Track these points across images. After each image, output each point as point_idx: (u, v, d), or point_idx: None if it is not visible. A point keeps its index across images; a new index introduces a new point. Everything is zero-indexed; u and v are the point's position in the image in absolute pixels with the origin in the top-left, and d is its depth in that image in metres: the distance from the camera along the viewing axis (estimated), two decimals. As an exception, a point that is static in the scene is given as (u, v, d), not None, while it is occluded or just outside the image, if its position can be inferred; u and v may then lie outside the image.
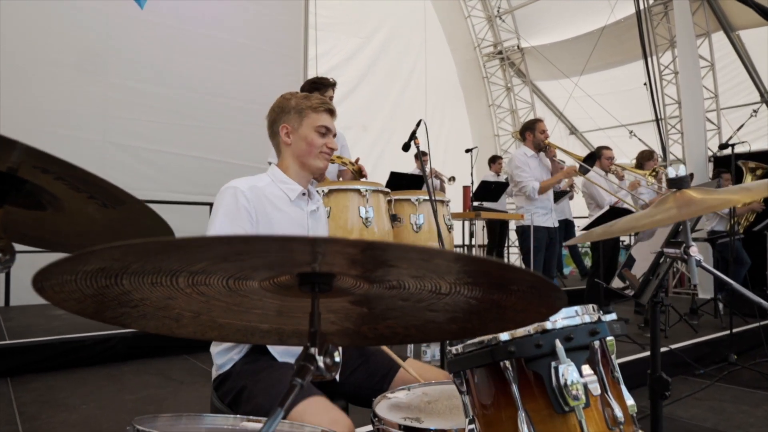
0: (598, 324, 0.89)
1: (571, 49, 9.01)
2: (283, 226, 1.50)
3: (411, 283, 0.64)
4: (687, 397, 3.51)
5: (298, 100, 1.58)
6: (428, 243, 2.70)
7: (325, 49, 8.12)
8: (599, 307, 1.01)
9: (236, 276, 0.61)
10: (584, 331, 0.87)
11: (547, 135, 4.08)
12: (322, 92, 3.04)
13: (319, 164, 1.58)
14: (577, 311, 0.93)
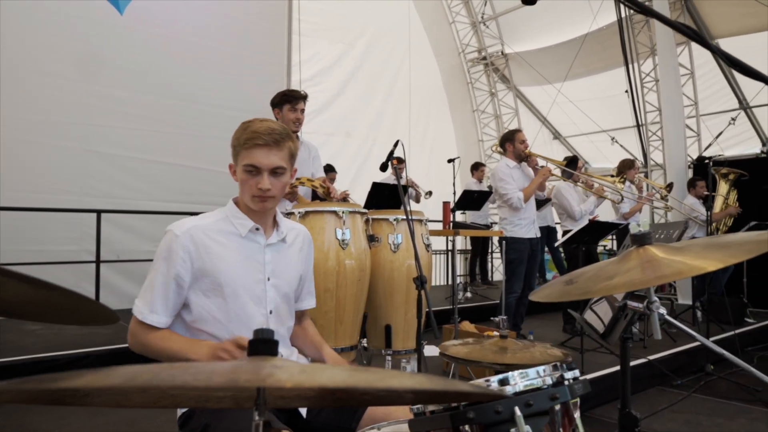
0: (559, 388, 0.88)
1: (554, 56, 9.07)
2: (229, 265, 1.46)
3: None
4: (664, 409, 3.54)
5: (236, 135, 1.46)
6: (406, 262, 2.70)
7: (309, 56, 8.08)
8: (565, 362, 1.01)
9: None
10: (544, 397, 0.86)
11: (526, 144, 4.09)
12: (293, 105, 2.98)
13: (253, 206, 1.48)
14: (539, 372, 0.93)
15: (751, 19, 7.21)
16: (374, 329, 2.79)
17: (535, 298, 1.17)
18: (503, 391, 0.87)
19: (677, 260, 0.93)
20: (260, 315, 1.51)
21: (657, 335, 1.11)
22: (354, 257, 2.49)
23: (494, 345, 1.52)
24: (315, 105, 8.20)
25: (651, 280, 0.91)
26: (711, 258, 0.90)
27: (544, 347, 1.53)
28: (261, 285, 1.51)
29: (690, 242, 1.05)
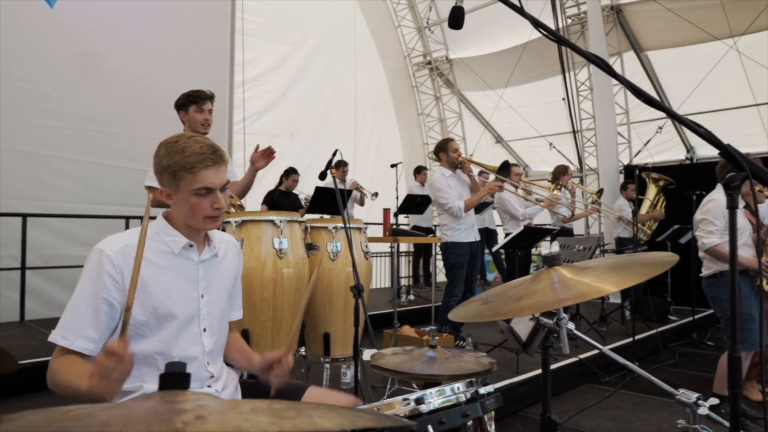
0: (471, 405, 0.93)
1: (496, 62, 9.32)
2: (162, 285, 1.42)
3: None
4: (592, 406, 3.73)
5: (171, 159, 1.38)
6: (345, 270, 2.72)
7: (253, 55, 7.96)
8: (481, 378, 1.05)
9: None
10: (457, 414, 0.91)
11: (459, 153, 4.19)
12: (200, 105, 2.83)
13: (206, 227, 1.47)
14: (453, 389, 0.97)
15: (679, 34, 7.66)
16: (313, 337, 2.80)
17: (453, 318, 1.22)
18: (419, 410, 0.90)
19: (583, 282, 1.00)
20: (193, 334, 1.48)
21: (565, 350, 1.18)
22: (292, 266, 2.49)
23: (423, 355, 1.56)
24: (259, 106, 8.09)
25: (554, 303, 0.97)
26: (610, 281, 0.98)
27: (474, 355, 1.59)
28: (195, 303, 1.49)
29: (596, 262, 1.13)
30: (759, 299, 3.38)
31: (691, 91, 7.54)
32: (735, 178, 1.06)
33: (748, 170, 1.06)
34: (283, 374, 1.50)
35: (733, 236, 1.09)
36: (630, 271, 1.01)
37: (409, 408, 0.90)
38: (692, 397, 1.16)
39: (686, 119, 1.17)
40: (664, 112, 1.21)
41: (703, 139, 1.12)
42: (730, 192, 1.08)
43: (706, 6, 7.26)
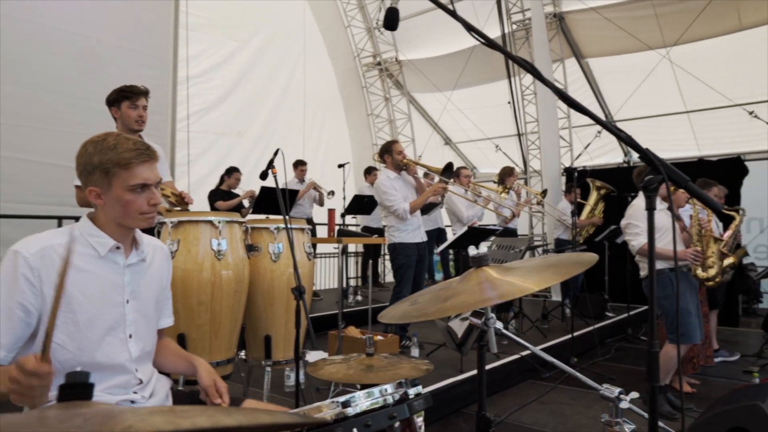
0: (398, 407, 0.93)
1: (445, 65, 9.45)
2: (84, 289, 1.36)
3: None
4: (532, 402, 3.83)
5: (103, 156, 1.34)
6: (287, 272, 2.68)
7: (198, 51, 7.74)
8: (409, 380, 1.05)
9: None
10: (383, 416, 0.90)
11: (404, 155, 4.22)
12: (133, 101, 2.71)
13: (141, 225, 1.42)
14: (381, 391, 0.97)
15: (617, 42, 8.00)
16: (254, 340, 2.74)
17: (381, 319, 1.22)
18: (345, 413, 0.89)
19: (507, 281, 1.03)
20: (118, 341, 1.42)
21: (493, 349, 1.20)
22: (231, 268, 2.43)
23: (361, 363, 1.55)
24: (204, 103, 7.88)
25: (478, 303, 0.99)
26: (533, 280, 1.01)
27: (412, 362, 1.59)
28: (120, 308, 1.43)
29: (521, 263, 1.16)
30: (695, 294, 3.58)
31: (627, 98, 7.89)
32: (652, 181, 1.11)
33: (664, 173, 1.11)
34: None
35: (652, 237, 1.14)
36: (551, 271, 1.05)
37: (336, 411, 0.89)
38: (615, 392, 1.20)
39: (609, 124, 1.21)
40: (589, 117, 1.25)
41: (624, 143, 1.16)
42: (648, 194, 1.13)
43: (642, 17, 7.62)
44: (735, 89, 7.39)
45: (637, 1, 7.53)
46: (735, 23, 7.30)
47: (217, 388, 1.50)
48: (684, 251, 3.48)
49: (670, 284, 3.43)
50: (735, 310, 6.94)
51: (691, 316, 3.41)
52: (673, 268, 3.45)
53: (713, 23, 7.28)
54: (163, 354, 1.64)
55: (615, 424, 1.18)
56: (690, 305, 3.42)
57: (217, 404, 1.48)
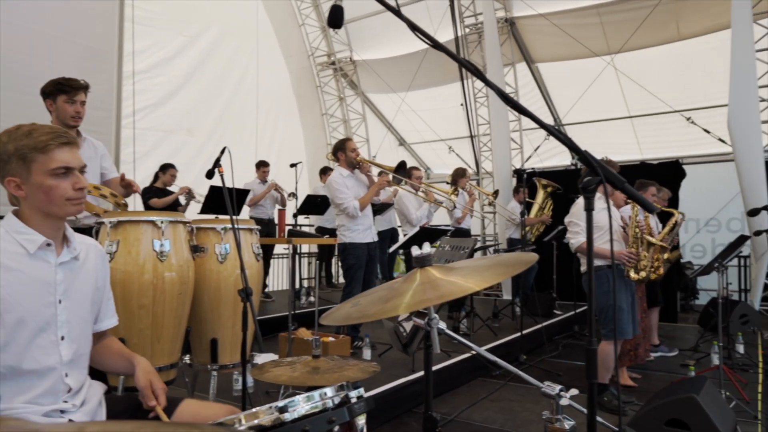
0: (338, 411, 0.91)
1: (399, 66, 9.50)
2: (12, 289, 1.28)
3: None
4: (483, 399, 3.89)
5: (18, 143, 1.29)
6: (234, 273, 2.61)
7: (145, 45, 7.48)
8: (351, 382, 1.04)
9: None
10: (322, 421, 0.88)
11: (357, 153, 4.21)
12: (71, 96, 2.58)
13: (69, 211, 1.36)
14: (321, 394, 0.95)
15: (565, 48, 8.25)
16: (199, 344, 2.65)
17: (324, 321, 1.20)
18: (282, 419, 0.87)
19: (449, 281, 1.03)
20: (48, 342, 1.35)
21: (436, 349, 1.19)
22: (175, 269, 2.34)
23: (306, 366, 1.52)
24: (152, 99, 7.62)
25: (419, 303, 0.99)
26: (474, 280, 1.01)
27: (359, 363, 1.57)
28: (51, 309, 1.36)
29: (465, 263, 1.16)
30: (629, 291, 3.72)
31: (574, 103, 8.14)
32: (591, 182, 1.14)
33: (602, 175, 1.14)
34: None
35: (590, 237, 1.16)
36: (493, 271, 1.06)
37: (273, 417, 0.86)
38: (555, 389, 1.22)
39: (548, 126, 1.23)
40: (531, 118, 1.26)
41: (563, 145, 1.19)
42: (587, 195, 1.15)
43: (588, 24, 7.89)
44: (675, 96, 7.76)
45: (584, 9, 7.79)
46: (674, 33, 7.66)
47: (153, 390, 1.44)
48: (619, 253, 3.61)
49: (606, 281, 3.57)
50: (673, 307, 7.26)
51: (624, 313, 3.54)
52: (611, 265, 3.58)
53: (654, 33, 7.61)
54: (103, 353, 1.59)
55: (555, 420, 1.20)
56: (624, 302, 3.56)
57: (152, 406, 1.43)
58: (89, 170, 2.89)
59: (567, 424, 1.20)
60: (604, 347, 3.63)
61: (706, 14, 7.20)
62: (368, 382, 3.55)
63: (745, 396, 3.77)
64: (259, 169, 6.52)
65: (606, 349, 3.62)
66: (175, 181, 5.68)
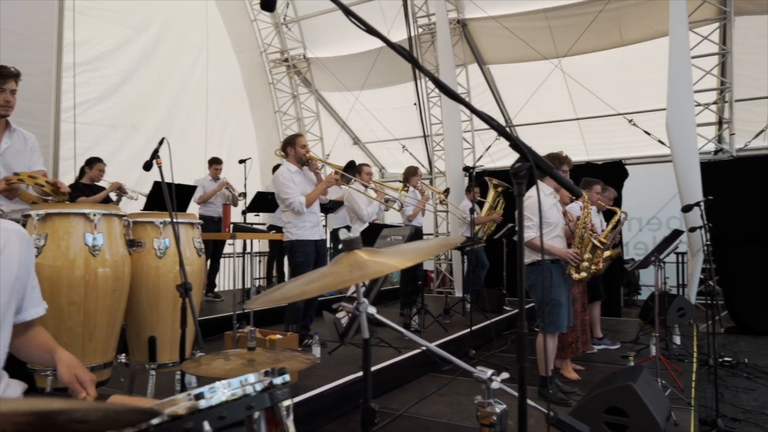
0: (258, 396, 0.88)
1: (353, 64, 9.47)
2: None
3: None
4: (432, 394, 3.92)
5: None
6: (174, 269, 2.52)
7: (87, 36, 7.16)
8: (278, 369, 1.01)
9: None
10: (240, 407, 0.85)
11: (307, 149, 4.16)
12: (0, 84, 2.50)
13: None
14: (242, 381, 0.92)
15: (516, 51, 8.42)
16: (137, 342, 2.55)
17: (249, 307, 1.17)
18: (197, 405, 0.83)
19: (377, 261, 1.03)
20: None
21: (365, 333, 1.18)
22: (109, 265, 2.24)
23: (241, 358, 1.48)
24: (94, 92, 7.31)
25: (340, 283, 0.98)
26: (398, 259, 1.02)
27: (295, 355, 1.54)
28: None
29: (390, 248, 1.16)
30: (568, 287, 3.82)
31: (524, 104, 8.32)
32: (521, 168, 1.15)
33: (531, 160, 1.15)
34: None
35: (521, 224, 1.18)
36: (417, 252, 1.07)
37: (189, 404, 0.82)
38: (488, 373, 1.23)
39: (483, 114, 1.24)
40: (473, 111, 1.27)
41: (496, 132, 1.20)
42: (517, 181, 1.17)
43: (537, 28, 8.09)
44: (618, 99, 8.05)
45: (533, 13, 7.98)
46: (617, 39, 7.96)
47: (80, 381, 1.37)
48: (566, 252, 3.69)
49: (548, 275, 3.65)
50: (617, 302, 7.54)
51: (562, 308, 3.63)
52: (554, 260, 3.68)
53: (599, 38, 7.88)
54: (29, 345, 1.50)
55: (487, 405, 1.21)
56: (562, 297, 3.65)
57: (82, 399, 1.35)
58: (20, 163, 2.75)
59: (498, 408, 1.21)
60: (541, 340, 3.71)
61: (647, 22, 7.51)
62: (318, 379, 3.53)
63: (680, 384, 3.95)
64: (211, 167, 6.36)
65: (543, 342, 3.70)
66: (103, 176, 5.36)
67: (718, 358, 5.11)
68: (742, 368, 4.97)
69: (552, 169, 1.15)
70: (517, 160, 1.16)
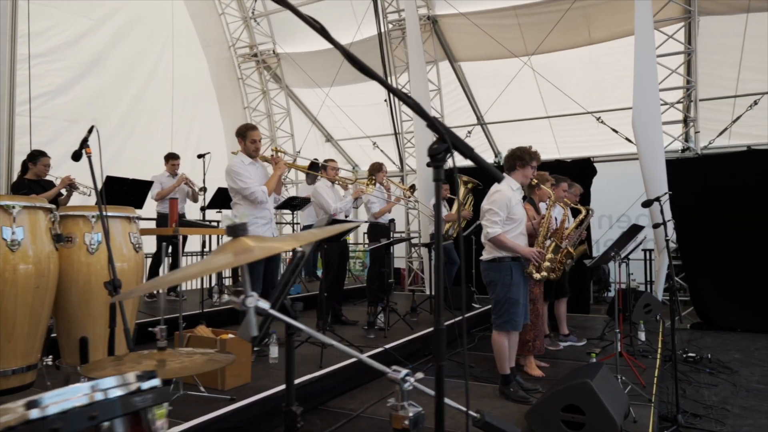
0: (104, 404, 0.77)
1: (323, 60, 9.32)
2: None
3: None
4: (392, 394, 3.82)
5: None
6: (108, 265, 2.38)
7: (44, 27, 6.92)
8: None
9: None
10: (80, 417, 0.74)
11: (257, 146, 4.02)
12: None
13: None
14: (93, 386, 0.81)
15: (486, 48, 8.38)
16: (67, 343, 2.40)
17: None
18: (27, 415, 0.72)
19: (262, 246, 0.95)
20: None
21: (252, 331, 1.07)
22: (31, 261, 2.10)
23: (151, 358, 1.37)
24: (52, 86, 7.07)
25: (245, 259, 0.90)
26: (288, 243, 0.93)
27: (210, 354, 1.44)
28: None
29: (276, 239, 1.08)
30: (527, 285, 3.76)
31: (493, 102, 8.29)
32: (438, 149, 1.06)
33: (449, 141, 1.06)
34: None
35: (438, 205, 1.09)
36: (304, 237, 0.99)
37: (19, 416, 0.71)
38: (402, 373, 1.14)
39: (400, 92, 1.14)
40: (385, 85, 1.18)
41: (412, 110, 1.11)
42: (434, 164, 1.08)
43: (507, 25, 8.07)
44: (587, 97, 8.07)
45: (503, 10, 7.96)
46: (585, 37, 7.98)
47: None
48: (529, 251, 3.61)
49: (508, 273, 3.57)
50: (587, 299, 7.56)
51: (519, 306, 3.56)
52: (514, 258, 3.61)
53: (568, 36, 7.89)
54: None
55: (400, 408, 1.12)
56: (520, 296, 3.58)
57: None
58: None
59: (412, 411, 1.12)
60: (498, 339, 3.63)
61: (615, 20, 7.55)
62: (274, 380, 3.41)
63: (642, 381, 3.93)
64: (168, 162, 6.16)
65: (499, 340, 3.62)
66: (49, 170, 5.05)
67: (683, 354, 5.15)
68: (706, 364, 4.99)
69: (472, 150, 1.07)
70: (435, 142, 1.07)
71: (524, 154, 3.66)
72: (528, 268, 3.67)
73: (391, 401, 1.15)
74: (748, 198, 6.51)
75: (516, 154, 3.70)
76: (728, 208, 6.59)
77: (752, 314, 6.49)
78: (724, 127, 7.01)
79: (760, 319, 6.43)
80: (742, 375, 4.69)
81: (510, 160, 3.73)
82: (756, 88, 6.96)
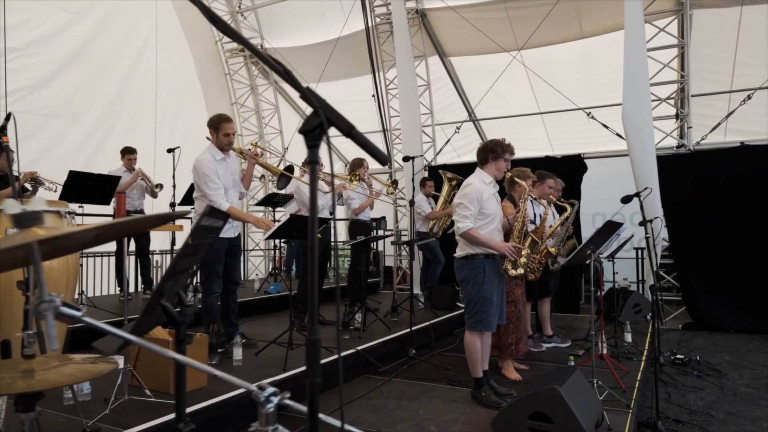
0: None
1: (311, 55, 9.17)
2: None
3: None
4: (360, 398, 3.66)
5: None
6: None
7: (21, 20, 6.77)
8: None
9: None
10: None
11: (230, 140, 3.83)
12: None
13: None
14: None
15: (476, 43, 8.19)
16: (-10, 346, 2.25)
17: None
18: None
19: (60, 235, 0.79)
20: None
21: (53, 345, 0.89)
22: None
23: (17, 368, 1.22)
24: (29, 79, 6.92)
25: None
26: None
27: (84, 362, 1.28)
28: None
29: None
30: (503, 284, 3.59)
31: (482, 97, 8.11)
32: (311, 123, 0.90)
33: (323, 116, 0.90)
34: None
35: (313, 193, 0.93)
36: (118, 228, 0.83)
37: None
38: (266, 392, 0.97)
39: (268, 57, 0.98)
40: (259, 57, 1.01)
41: (281, 78, 0.95)
42: (309, 143, 0.91)
43: (496, 19, 7.88)
44: (578, 93, 7.88)
45: (491, 4, 7.78)
46: (577, 31, 7.80)
47: None
48: (504, 246, 3.44)
49: (481, 270, 3.40)
50: (577, 298, 7.38)
51: (492, 306, 3.39)
52: (488, 255, 3.44)
53: (559, 30, 7.71)
54: None
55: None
56: (494, 295, 3.41)
57: None
58: None
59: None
60: (470, 339, 3.46)
61: (606, 13, 7.36)
62: (233, 384, 3.26)
63: (623, 385, 3.76)
64: (124, 157, 6.02)
65: (471, 341, 3.46)
66: (14, 164, 4.91)
67: (671, 356, 4.97)
68: (694, 366, 4.82)
69: (352, 128, 0.90)
70: (308, 117, 0.91)
71: (496, 147, 3.50)
72: (504, 264, 3.51)
73: (253, 426, 0.99)
74: (742, 195, 6.32)
75: (488, 147, 3.53)
76: (722, 206, 6.40)
77: (746, 314, 6.30)
78: (717, 122, 6.81)
79: (753, 320, 6.24)
80: (730, 378, 4.51)
81: (482, 153, 3.56)
82: (750, 82, 6.76)
